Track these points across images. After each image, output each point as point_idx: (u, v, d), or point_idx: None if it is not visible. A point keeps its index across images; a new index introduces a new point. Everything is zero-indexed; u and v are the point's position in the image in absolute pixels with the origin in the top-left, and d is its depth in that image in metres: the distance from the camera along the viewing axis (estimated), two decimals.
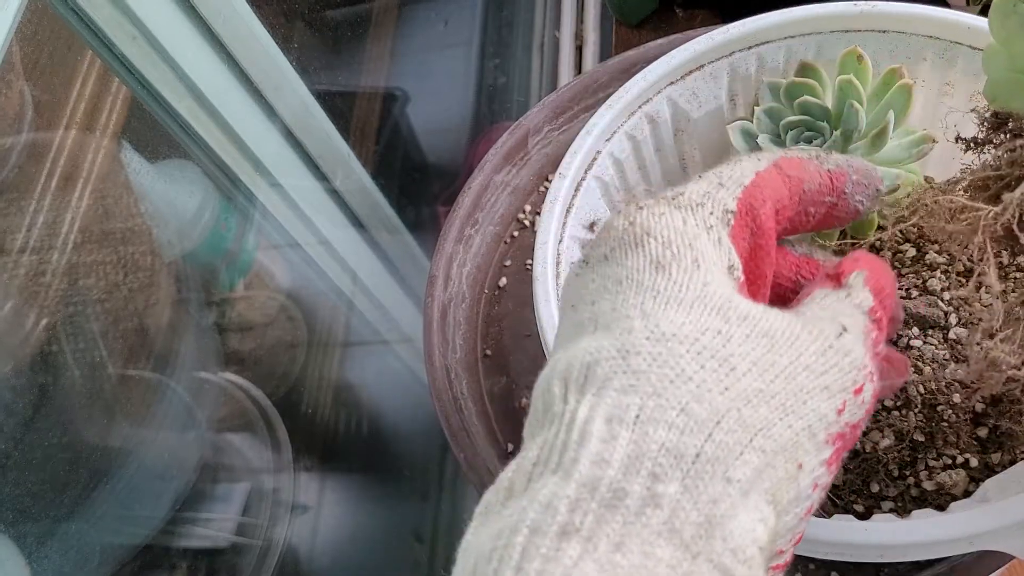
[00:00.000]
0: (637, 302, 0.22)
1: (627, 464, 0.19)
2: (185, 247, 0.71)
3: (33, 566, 0.52)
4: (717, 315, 0.21)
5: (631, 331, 0.21)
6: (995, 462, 0.39)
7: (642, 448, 0.19)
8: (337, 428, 0.84)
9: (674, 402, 0.20)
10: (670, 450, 0.19)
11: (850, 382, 0.22)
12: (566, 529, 0.18)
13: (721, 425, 0.20)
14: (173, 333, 0.67)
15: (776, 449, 0.20)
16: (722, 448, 0.19)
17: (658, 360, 0.20)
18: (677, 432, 0.19)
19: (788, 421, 0.21)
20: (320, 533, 0.79)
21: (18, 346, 0.55)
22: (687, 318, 0.21)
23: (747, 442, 0.20)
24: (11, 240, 0.56)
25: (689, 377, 0.20)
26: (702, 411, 0.20)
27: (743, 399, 0.20)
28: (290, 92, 0.66)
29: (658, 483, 0.19)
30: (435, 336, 0.53)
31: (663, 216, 0.23)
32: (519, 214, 0.58)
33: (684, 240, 0.23)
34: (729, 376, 0.20)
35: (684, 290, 0.22)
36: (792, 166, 0.26)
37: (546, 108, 0.59)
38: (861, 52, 0.41)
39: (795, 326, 0.22)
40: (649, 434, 0.19)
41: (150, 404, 0.65)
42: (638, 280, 0.22)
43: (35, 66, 0.57)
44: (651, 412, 0.20)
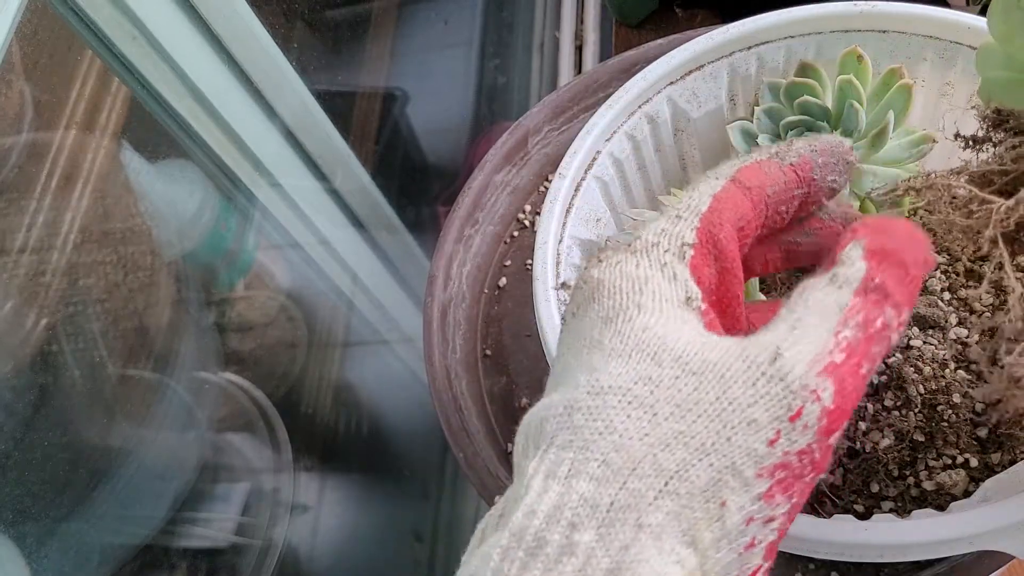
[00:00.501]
0: (587, 359, 0.23)
1: (550, 515, 0.20)
2: (185, 247, 0.71)
3: (33, 566, 0.52)
4: (651, 361, 0.22)
5: (576, 387, 0.22)
6: (995, 462, 0.39)
7: (564, 500, 0.20)
8: (337, 428, 0.84)
9: (597, 454, 0.21)
10: (587, 500, 0.20)
11: (783, 410, 0.21)
12: None
13: (636, 472, 0.20)
14: (173, 333, 0.67)
15: (692, 491, 0.20)
16: (634, 495, 0.20)
17: (592, 414, 0.21)
18: (595, 483, 0.20)
19: (708, 461, 0.21)
20: (320, 533, 0.79)
21: (18, 346, 0.55)
22: (623, 368, 0.22)
23: (661, 487, 0.20)
24: (11, 240, 0.56)
25: (614, 428, 0.21)
26: (619, 460, 0.20)
27: (661, 444, 0.21)
28: (290, 92, 0.66)
29: (575, 532, 0.20)
30: (435, 336, 0.53)
31: (618, 265, 0.24)
32: (519, 214, 0.58)
33: (634, 286, 0.23)
34: (650, 422, 0.21)
35: (625, 340, 0.22)
36: (750, 176, 0.27)
37: (546, 108, 0.59)
38: (861, 52, 0.41)
39: (730, 357, 0.22)
40: (572, 486, 0.20)
41: (150, 404, 0.65)
42: (590, 336, 0.23)
43: (35, 66, 0.57)
44: (578, 465, 0.21)
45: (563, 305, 0.40)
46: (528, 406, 0.52)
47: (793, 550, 0.34)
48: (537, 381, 0.53)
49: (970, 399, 0.40)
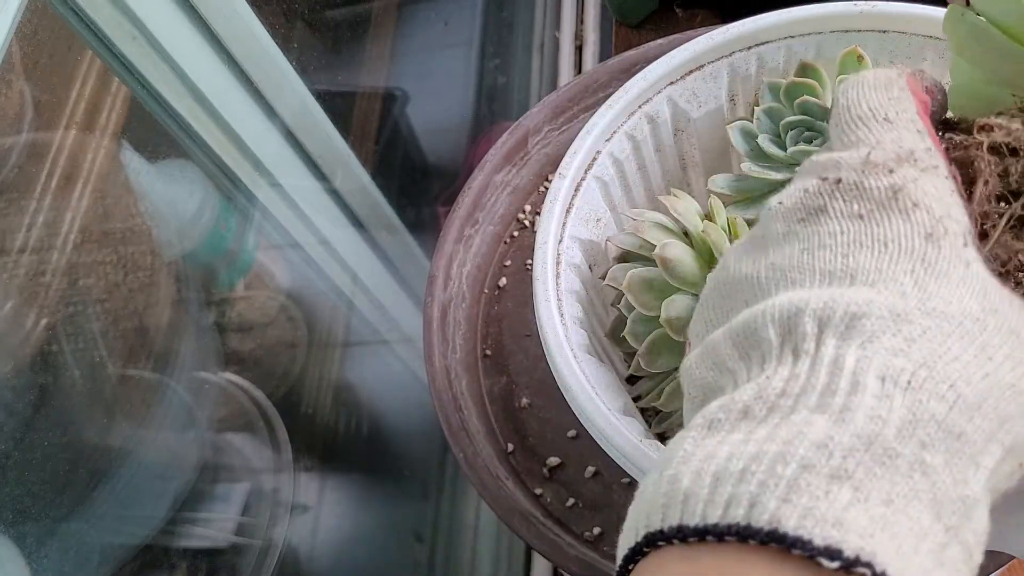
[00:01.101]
0: (908, 267, 0.22)
1: (901, 427, 0.19)
2: (185, 247, 0.71)
3: (33, 566, 0.52)
4: (976, 301, 0.22)
5: (904, 296, 0.21)
6: None
7: (916, 415, 0.20)
8: (337, 428, 0.84)
9: (944, 377, 0.20)
10: (940, 423, 0.20)
11: None
12: (837, 474, 0.19)
13: (982, 410, 0.20)
14: (173, 333, 0.67)
15: (1011, 446, 0.21)
16: (980, 433, 0.20)
17: (928, 333, 0.21)
18: (947, 407, 0.20)
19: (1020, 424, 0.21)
20: (320, 533, 0.79)
21: (18, 346, 0.55)
22: (954, 298, 0.21)
23: (994, 432, 0.20)
24: (11, 240, 0.56)
25: (956, 356, 0.21)
26: (969, 392, 0.20)
27: (999, 389, 0.21)
28: (290, 92, 0.66)
29: (925, 452, 0.19)
30: (435, 336, 0.53)
31: (917, 182, 0.23)
32: (519, 214, 0.58)
33: (946, 211, 0.23)
34: (988, 364, 0.21)
35: (952, 267, 0.22)
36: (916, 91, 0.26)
37: (546, 108, 0.59)
38: (861, 52, 0.41)
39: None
40: (922, 402, 0.20)
41: (150, 404, 0.65)
42: (908, 247, 0.22)
43: (35, 66, 0.57)
44: (923, 382, 0.20)
45: (561, 303, 0.40)
46: (528, 406, 0.52)
47: None
48: (537, 381, 0.53)
49: None
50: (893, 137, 0.24)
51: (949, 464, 0.19)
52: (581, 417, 0.38)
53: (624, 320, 0.41)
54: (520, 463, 0.50)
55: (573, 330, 0.40)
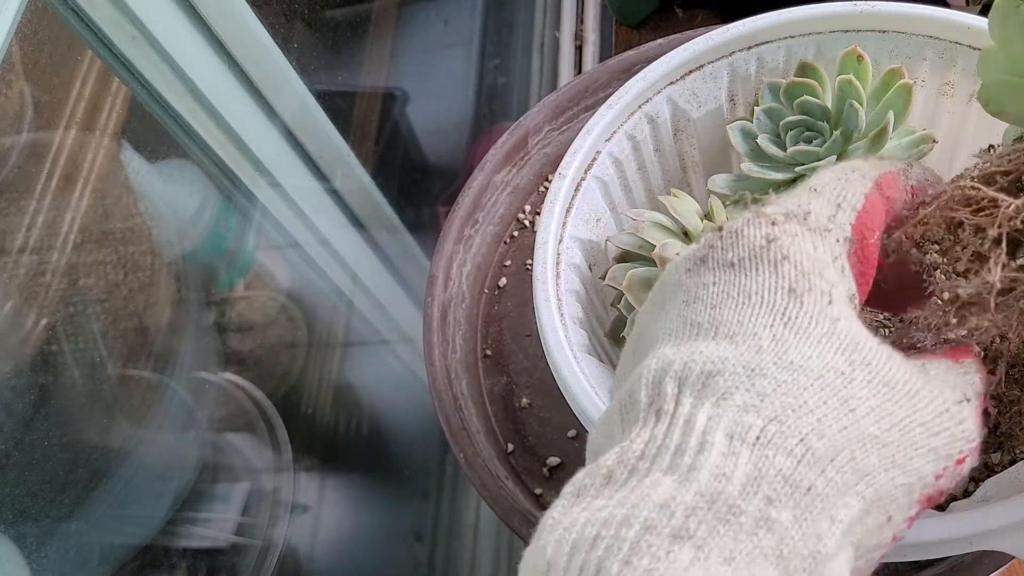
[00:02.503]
0: (767, 322, 0.22)
1: (746, 483, 0.19)
2: (185, 247, 0.71)
3: (33, 566, 0.52)
4: (842, 355, 0.21)
5: (759, 351, 0.21)
6: (995, 462, 0.39)
7: (761, 471, 0.19)
8: (337, 428, 0.84)
9: (795, 431, 0.20)
10: (787, 478, 0.19)
11: (956, 450, 0.22)
12: (679, 533, 0.18)
13: (835, 463, 0.20)
14: (173, 333, 0.67)
15: (875, 498, 0.20)
16: (832, 486, 0.20)
17: (783, 387, 0.21)
18: (795, 461, 0.20)
19: (892, 474, 0.21)
20: (320, 533, 0.79)
21: (18, 346, 0.55)
22: (814, 352, 0.21)
23: (853, 485, 0.20)
24: (11, 240, 0.56)
25: (811, 410, 0.20)
26: (820, 446, 0.20)
27: (858, 442, 0.20)
28: (290, 92, 0.66)
29: (772, 508, 0.19)
30: (435, 336, 0.53)
31: (796, 238, 0.23)
32: (519, 214, 0.58)
33: (816, 269, 0.23)
34: (848, 416, 0.20)
35: (814, 324, 0.22)
36: (890, 185, 0.26)
37: (546, 108, 0.59)
38: (861, 52, 0.41)
39: (916, 381, 0.22)
40: (768, 458, 0.20)
41: (150, 404, 0.65)
42: (770, 301, 0.22)
43: (35, 66, 0.57)
44: (771, 436, 0.20)
45: (561, 303, 0.40)
46: (528, 406, 0.52)
47: None
48: (537, 381, 0.53)
49: None
50: (802, 200, 0.24)
51: (799, 520, 0.19)
52: (581, 417, 0.38)
53: (624, 320, 0.41)
54: (520, 463, 0.50)
55: (573, 330, 0.40)
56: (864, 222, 0.24)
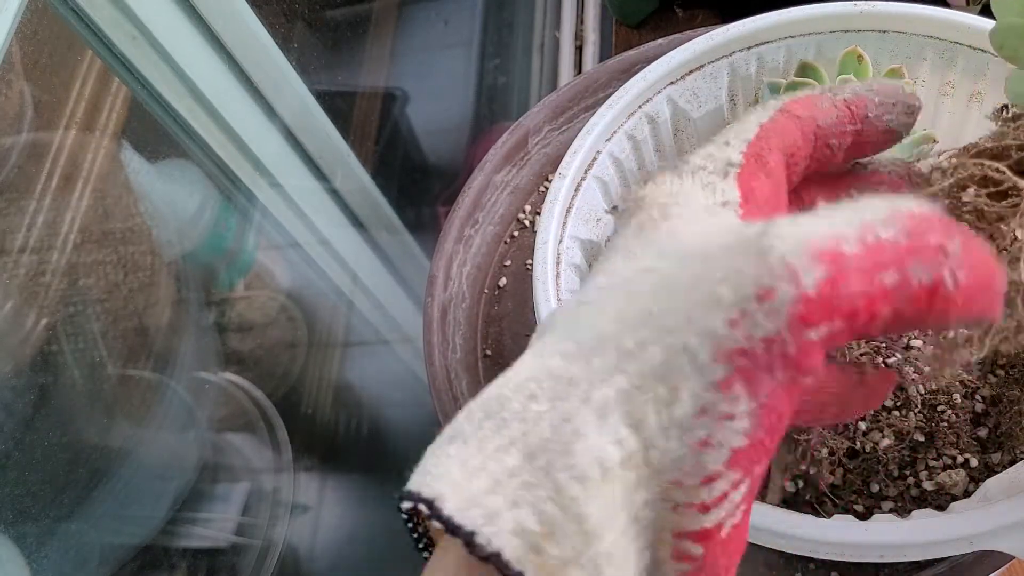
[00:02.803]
0: (611, 264, 0.23)
1: (519, 384, 0.21)
2: (185, 247, 0.71)
3: (33, 566, 0.52)
4: (656, 255, 0.22)
5: (590, 287, 0.23)
6: (995, 462, 0.39)
7: (535, 372, 0.21)
8: (337, 428, 0.84)
9: (575, 335, 0.21)
10: (552, 374, 0.21)
11: (751, 288, 0.18)
12: (454, 435, 0.21)
13: (598, 349, 0.20)
14: (173, 333, 0.67)
15: (644, 371, 0.19)
16: (592, 372, 0.20)
17: (590, 304, 0.22)
18: (565, 360, 0.21)
19: (666, 341, 0.19)
20: (320, 533, 0.79)
21: (18, 346, 0.55)
22: (631, 265, 0.22)
23: (614, 364, 0.20)
24: (11, 240, 0.56)
25: (601, 311, 0.21)
26: (589, 339, 0.21)
27: (630, 325, 0.20)
28: (290, 92, 0.66)
29: (532, 401, 0.21)
30: (435, 336, 0.53)
31: (663, 184, 0.25)
32: (519, 214, 0.58)
33: (672, 199, 0.24)
34: (627, 305, 0.21)
35: (646, 244, 0.23)
36: (800, 107, 0.27)
37: (546, 108, 0.59)
38: (861, 52, 0.41)
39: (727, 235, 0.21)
40: (546, 361, 0.21)
41: (150, 404, 0.65)
42: (623, 246, 0.23)
43: (35, 66, 0.57)
44: (556, 345, 0.21)
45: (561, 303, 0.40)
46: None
47: (793, 550, 0.34)
48: None
49: (971, 399, 0.40)
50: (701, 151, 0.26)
51: (553, 408, 0.20)
52: None
53: None
54: None
55: None
56: (759, 145, 0.25)
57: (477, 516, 0.19)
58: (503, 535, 0.19)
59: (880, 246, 0.18)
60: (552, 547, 0.19)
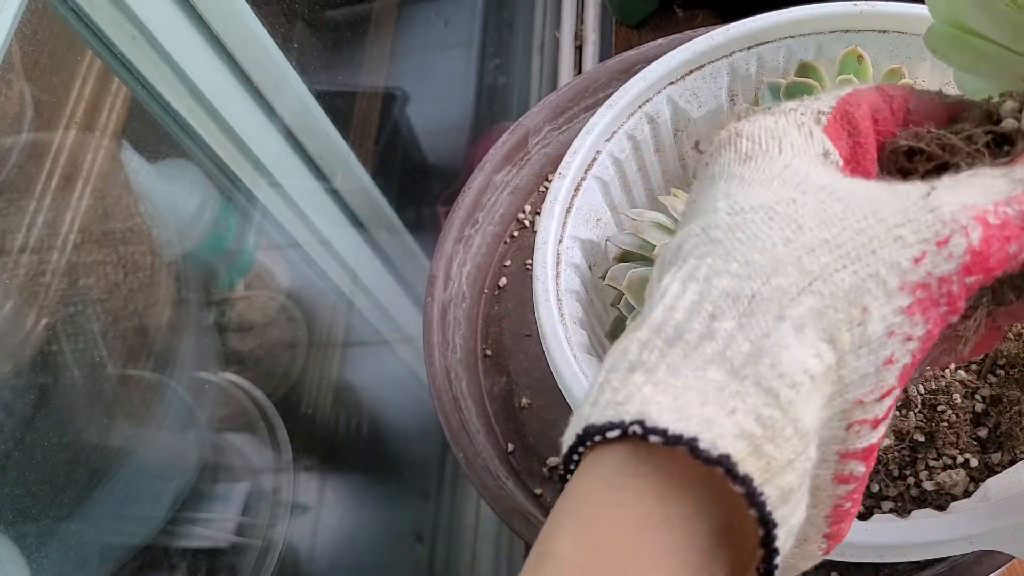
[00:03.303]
0: (724, 188, 0.24)
1: (691, 308, 0.21)
2: (185, 247, 0.71)
3: (33, 566, 0.52)
4: (794, 188, 0.23)
5: (715, 211, 0.23)
6: (995, 462, 0.39)
7: (705, 295, 0.21)
8: (337, 428, 0.84)
9: (739, 256, 0.22)
10: (728, 294, 0.21)
11: (930, 234, 0.22)
12: (634, 365, 0.21)
13: (779, 271, 0.21)
14: (173, 333, 0.67)
15: (836, 293, 0.21)
16: (778, 291, 0.21)
17: (733, 229, 0.22)
18: (737, 279, 0.21)
19: (853, 268, 0.21)
20: (320, 533, 0.79)
21: (18, 346, 0.55)
22: (765, 192, 0.23)
23: (804, 286, 0.21)
24: (11, 240, 0.56)
25: (756, 235, 0.22)
26: (762, 259, 0.21)
27: (806, 249, 0.21)
28: (290, 92, 0.66)
29: (715, 321, 0.21)
30: (435, 336, 0.53)
31: (756, 120, 0.25)
32: (519, 214, 0.58)
33: (772, 135, 0.24)
34: (795, 232, 0.22)
35: (765, 172, 0.23)
36: (893, 88, 0.27)
37: (546, 108, 0.59)
38: (861, 52, 0.41)
39: (878, 190, 0.23)
40: (712, 282, 0.22)
41: (150, 404, 0.65)
42: (727, 172, 0.24)
43: (35, 66, 0.57)
44: (718, 266, 0.22)
45: (561, 303, 0.40)
46: (528, 406, 0.52)
47: None
48: (537, 381, 0.53)
49: (971, 399, 0.40)
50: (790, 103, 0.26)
51: (741, 324, 0.21)
52: None
53: (624, 320, 0.41)
54: (520, 463, 0.50)
55: (573, 330, 0.40)
56: (847, 101, 0.26)
57: (695, 425, 0.20)
58: (728, 438, 0.20)
59: (1008, 221, 0.22)
60: (773, 449, 0.20)
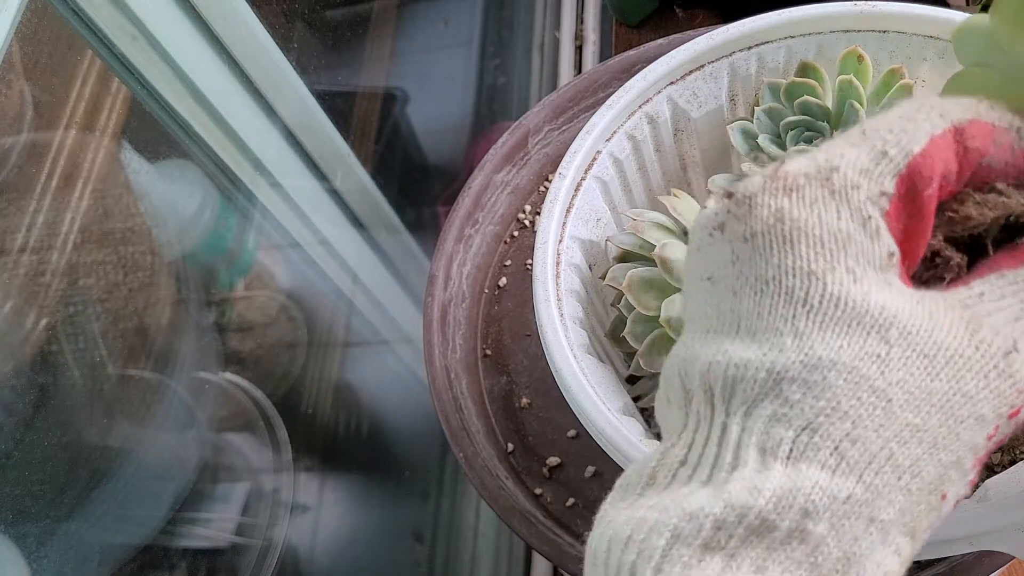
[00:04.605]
0: (788, 314, 0.21)
1: (779, 497, 0.19)
2: (185, 247, 0.71)
3: (33, 566, 0.52)
4: (876, 336, 0.20)
5: (782, 349, 0.20)
6: (995, 462, 0.39)
7: (795, 484, 0.19)
8: (337, 428, 0.84)
9: (828, 441, 0.20)
10: (823, 489, 0.19)
11: (1006, 408, 0.21)
12: (710, 544, 0.19)
13: (872, 466, 0.20)
14: (173, 333, 0.67)
15: (922, 487, 0.20)
16: (871, 491, 0.20)
17: (812, 390, 0.20)
18: (829, 472, 0.19)
19: (938, 457, 0.20)
20: (320, 533, 0.79)
21: (18, 346, 0.55)
22: (844, 341, 0.20)
23: (895, 483, 0.20)
24: (11, 240, 0.56)
25: (844, 412, 0.20)
26: (855, 452, 0.20)
27: (896, 437, 0.20)
28: (290, 92, 0.66)
29: (807, 520, 0.19)
30: (435, 336, 0.53)
31: (815, 206, 0.21)
32: (519, 214, 0.58)
33: (838, 242, 0.21)
34: (884, 411, 0.20)
35: (840, 307, 0.20)
36: (977, 133, 0.23)
37: (546, 108, 0.59)
38: (861, 52, 0.41)
39: (960, 341, 0.21)
40: (802, 471, 0.19)
41: (150, 404, 0.65)
42: (788, 286, 0.21)
43: (35, 66, 0.56)
44: (804, 448, 0.20)
45: (561, 303, 0.40)
46: (528, 406, 0.52)
47: None
48: (537, 381, 0.53)
49: None
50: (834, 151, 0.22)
51: (834, 527, 0.19)
52: (581, 417, 0.38)
53: (624, 320, 0.41)
54: (520, 463, 0.50)
55: (573, 330, 0.40)
56: (919, 171, 0.21)
57: None
58: None
59: None
60: None
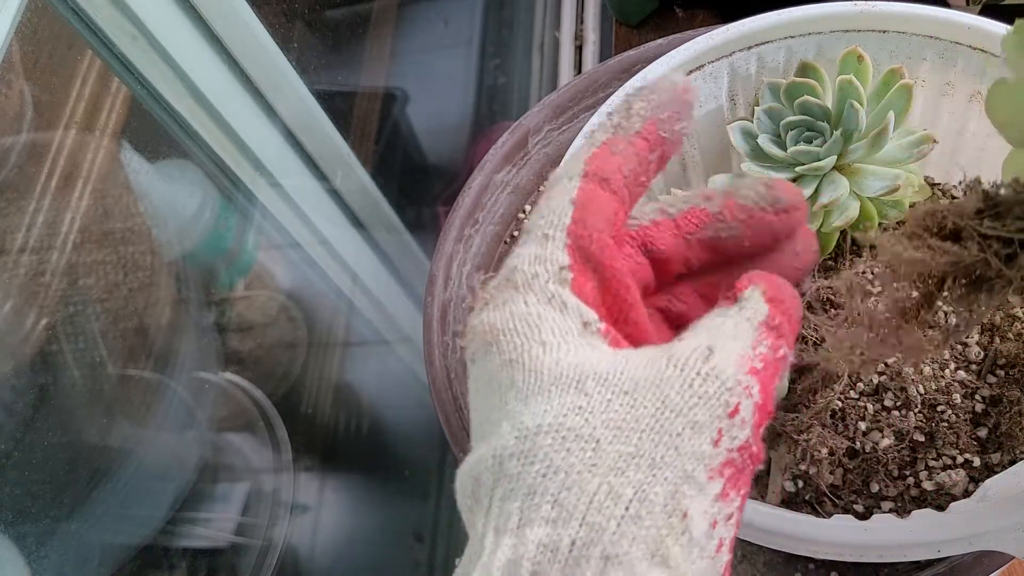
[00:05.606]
0: (501, 403, 0.22)
1: (507, 571, 0.20)
2: (185, 247, 0.71)
3: (33, 566, 0.52)
4: (575, 390, 0.21)
5: (500, 435, 0.22)
6: (995, 462, 0.39)
7: (520, 551, 0.20)
8: (337, 428, 0.84)
9: (546, 496, 0.20)
10: (545, 545, 0.20)
11: (722, 408, 0.21)
12: None
13: (593, 504, 0.20)
14: (173, 333, 0.67)
15: (653, 510, 0.20)
16: (595, 529, 0.19)
17: (528, 458, 0.21)
18: (551, 526, 0.20)
19: (663, 475, 0.20)
20: (320, 533, 0.79)
21: (18, 346, 0.55)
22: (546, 406, 0.21)
23: (622, 513, 0.20)
24: (11, 240, 0.56)
25: (558, 467, 0.20)
26: (571, 497, 0.20)
27: (613, 471, 0.20)
28: (290, 92, 0.66)
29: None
30: (435, 336, 0.53)
31: (506, 305, 0.24)
32: (519, 214, 0.58)
33: (530, 325, 0.23)
34: (595, 451, 0.20)
35: (537, 379, 0.22)
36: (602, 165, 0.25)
37: (546, 108, 0.59)
38: (861, 52, 0.41)
39: (658, 366, 0.22)
40: (526, 535, 0.20)
41: (150, 404, 0.65)
42: (498, 380, 0.23)
43: (35, 66, 0.57)
44: (527, 513, 0.20)
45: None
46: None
47: (793, 550, 0.34)
48: None
49: (971, 399, 0.40)
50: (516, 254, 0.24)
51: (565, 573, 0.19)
52: None
53: None
54: None
55: None
56: (578, 234, 0.24)
57: None
58: None
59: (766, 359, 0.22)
60: None
